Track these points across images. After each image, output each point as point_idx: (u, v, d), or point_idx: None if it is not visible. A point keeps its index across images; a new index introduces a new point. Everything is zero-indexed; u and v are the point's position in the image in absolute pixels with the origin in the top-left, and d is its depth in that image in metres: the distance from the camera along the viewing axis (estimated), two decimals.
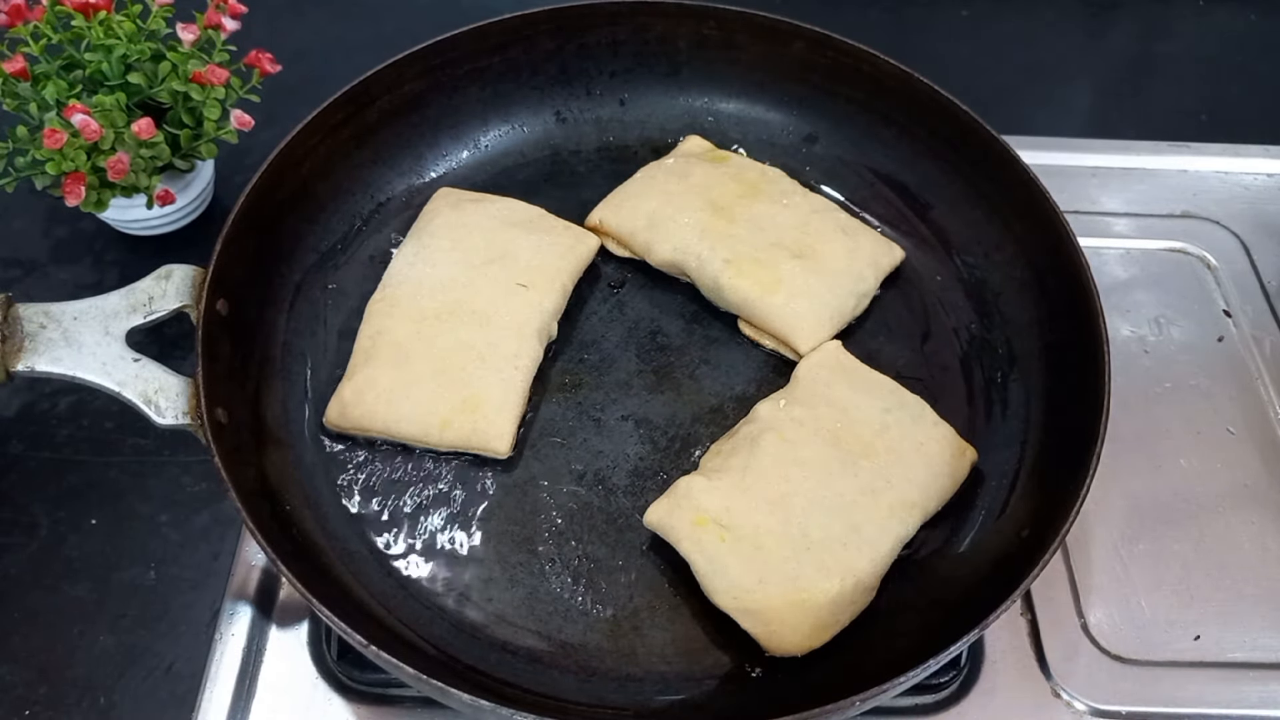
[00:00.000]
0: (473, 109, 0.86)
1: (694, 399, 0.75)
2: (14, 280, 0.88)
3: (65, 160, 0.73)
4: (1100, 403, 0.65)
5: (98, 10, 0.77)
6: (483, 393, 0.70)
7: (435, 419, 0.69)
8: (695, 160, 0.83)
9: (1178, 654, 0.71)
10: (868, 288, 0.78)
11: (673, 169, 0.82)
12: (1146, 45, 1.13)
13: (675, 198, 0.80)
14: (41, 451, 0.78)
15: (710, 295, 0.78)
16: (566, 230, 0.79)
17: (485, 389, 0.70)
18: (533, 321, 0.73)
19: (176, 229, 0.90)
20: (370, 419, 0.69)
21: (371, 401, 0.69)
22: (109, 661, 0.69)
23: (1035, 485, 0.69)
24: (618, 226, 0.80)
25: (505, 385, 0.71)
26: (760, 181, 0.82)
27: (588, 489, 0.71)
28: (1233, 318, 0.89)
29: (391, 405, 0.69)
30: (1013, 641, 0.71)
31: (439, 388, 0.70)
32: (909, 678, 0.56)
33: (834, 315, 0.76)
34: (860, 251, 0.78)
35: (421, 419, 0.69)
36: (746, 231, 0.78)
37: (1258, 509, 0.78)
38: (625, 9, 0.85)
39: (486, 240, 0.76)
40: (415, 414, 0.69)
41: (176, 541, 0.74)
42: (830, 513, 0.65)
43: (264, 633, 0.70)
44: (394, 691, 0.68)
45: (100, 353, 0.64)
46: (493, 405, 0.70)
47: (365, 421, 0.70)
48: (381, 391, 0.70)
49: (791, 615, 0.62)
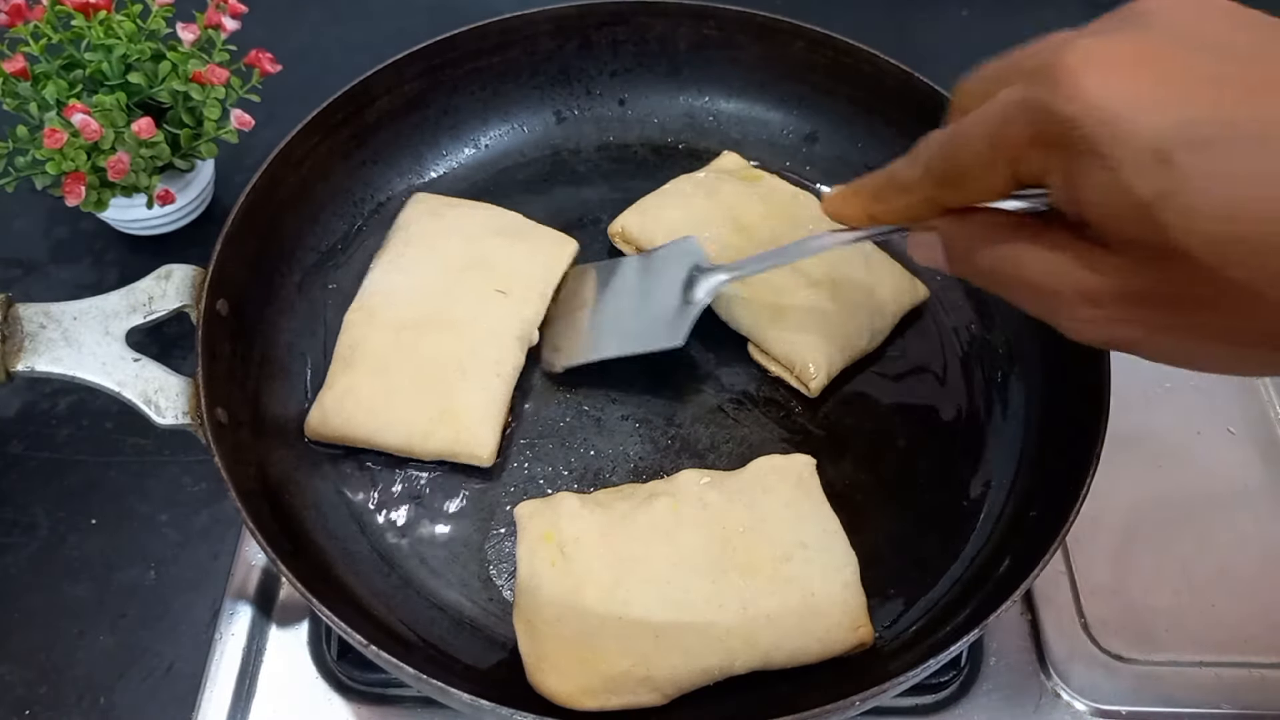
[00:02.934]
0: (473, 109, 0.86)
1: (694, 399, 0.75)
2: (14, 280, 0.88)
3: (65, 160, 0.73)
4: (1100, 403, 0.65)
5: (98, 10, 0.77)
6: (464, 402, 0.69)
7: (417, 429, 0.69)
8: (726, 177, 0.82)
9: (1178, 654, 0.71)
10: (884, 324, 0.76)
11: (702, 183, 0.81)
12: None
13: (699, 212, 0.79)
14: (41, 451, 0.78)
15: (722, 314, 0.76)
16: (545, 235, 0.79)
17: (466, 398, 0.69)
18: (513, 328, 0.73)
19: (176, 229, 0.90)
20: (351, 428, 0.69)
21: (351, 410, 0.69)
22: (109, 661, 0.69)
23: (1035, 485, 0.69)
24: (639, 235, 0.79)
25: (487, 394, 0.70)
26: (790, 204, 0.80)
27: (588, 489, 0.70)
28: None
29: (372, 414, 0.69)
30: (1013, 641, 0.71)
31: (419, 397, 0.69)
32: (909, 678, 0.56)
33: (844, 348, 0.74)
34: (881, 286, 0.76)
35: (403, 429, 0.69)
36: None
37: (1258, 509, 0.78)
38: (625, 9, 0.85)
39: (463, 247, 0.76)
40: (396, 423, 0.69)
41: (176, 541, 0.74)
42: (662, 601, 0.60)
43: (264, 633, 0.70)
44: (394, 691, 0.68)
45: (100, 353, 0.64)
46: (474, 415, 0.69)
47: (346, 430, 0.69)
48: (362, 400, 0.69)
49: (568, 666, 0.59)
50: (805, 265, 0.76)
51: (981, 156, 0.44)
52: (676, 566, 0.61)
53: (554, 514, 0.64)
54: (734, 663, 0.60)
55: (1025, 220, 0.47)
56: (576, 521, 0.63)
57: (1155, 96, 0.38)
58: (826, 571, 0.62)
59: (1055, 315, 0.45)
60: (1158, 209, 0.38)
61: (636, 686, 0.59)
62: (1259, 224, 0.36)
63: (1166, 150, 0.37)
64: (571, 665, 0.59)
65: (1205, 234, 0.37)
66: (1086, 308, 0.43)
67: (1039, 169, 0.42)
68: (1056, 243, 0.44)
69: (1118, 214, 0.39)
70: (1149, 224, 0.38)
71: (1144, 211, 0.38)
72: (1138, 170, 0.38)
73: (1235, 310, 0.39)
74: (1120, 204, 0.39)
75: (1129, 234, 0.40)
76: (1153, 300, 0.41)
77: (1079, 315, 0.44)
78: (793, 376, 0.74)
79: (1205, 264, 0.38)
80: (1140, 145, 0.38)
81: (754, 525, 0.63)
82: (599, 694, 0.58)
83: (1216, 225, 0.37)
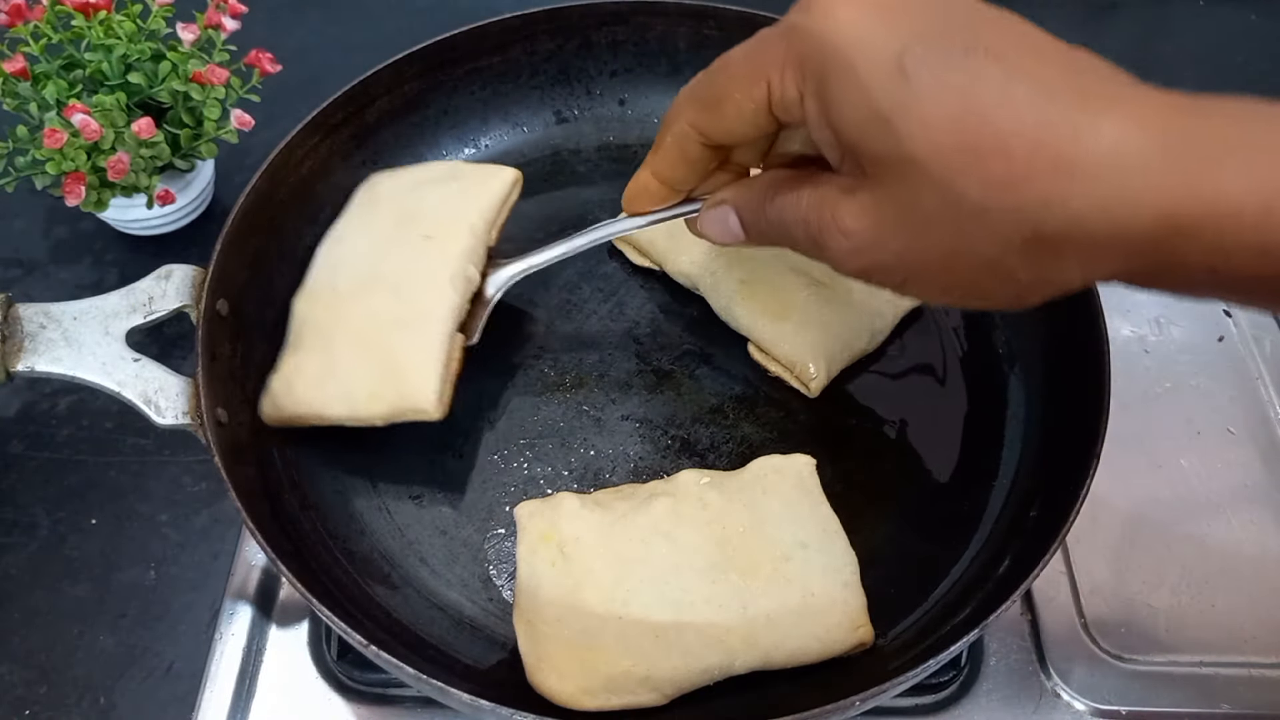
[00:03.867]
0: (473, 109, 0.86)
1: (694, 399, 0.75)
2: (14, 280, 0.88)
3: (65, 160, 0.73)
4: (1100, 403, 0.65)
5: (98, 10, 0.77)
6: (403, 355, 0.66)
7: (362, 393, 0.66)
8: None
9: (1178, 654, 0.71)
10: (884, 325, 0.76)
11: None
12: (1146, 45, 1.13)
13: None
14: (41, 451, 0.78)
15: (722, 315, 0.77)
16: (477, 171, 0.76)
17: (405, 351, 0.67)
18: (442, 270, 0.69)
19: (176, 229, 0.90)
20: (299, 406, 0.67)
21: (300, 390, 0.67)
22: (109, 661, 0.69)
23: (1035, 485, 0.69)
24: (638, 235, 0.79)
25: (425, 341, 0.67)
26: None
27: (588, 489, 0.70)
28: (1233, 318, 0.89)
29: (320, 389, 0.67)
30: (1013, 641, 0.71)
31: (361, 361, 0.67)
32: (909, 678, 0.56)
33: (845, 349, 0.74)
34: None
35: (349, 396, 0.66)
36: (766, 254, 0.76)
37: (1258, 509, 0.78)
38: (625, 9, 0.85)
39: (393, 205, 0.74)
40: (342, 393, 0.66)
41: (176, 541, 0.74)
42: (662, 601, 0.60)
43: (264, 633, 0.70)
44: (394, 691, 0.68)
45: (100, 353, 0.64)
46: (414, 366, 0.66)
47: (296, 410, 0.67)
48: (308, 377, 0.67)
49: (568, 666, 0.58)
50: (806, 265, 0.76)
51: (739, 77, 0.49)
52: (676, 566, 0.61)
53: (554, 514, 0.64)
54: (734, 663, 0.60)
55: (801, 172, 0.52)
56: (576, 521, 0.63)
57: (894, 21, 0.43)
58: (826, 572, 0.62)
59: (822, 251, 0.50)
60: (898, 119, 0.42)
61: (636, 686, 0.59)
62: (979, 133, 0.41)
63: (903, 64, 0.42)
64: (571, 665, 0.59)
65: (936, 144, 0.42)
66: (842, 238, 0.48)
67: (794, 92, 0.47)
68: (821, 181, 0.49)
69: (864, 128, 0.44)
70: (890, 136, 0.43)
71: (885, 124, 0.42)
72: (880, 83, 0.42)
73: (963, 227, 0.43)
74: (865, 118, 0.43)
75: (873, 148, 0.44)
76: (896, 224, 0.45)
77: (838, 246, 0.48)
78: (793, 376, 0.74)
79: (938, 175, 0.42)
80: (882, 59, 0.42)
81: (754, 525, 0.63)
82: (599, 694, 0.58)
83: (945, 135, 0.41)
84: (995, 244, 0.43)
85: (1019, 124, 0.40)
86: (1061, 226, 0.41)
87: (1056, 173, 0.40)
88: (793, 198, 0.51)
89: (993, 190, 0.41)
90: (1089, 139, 0.40)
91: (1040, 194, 0.41)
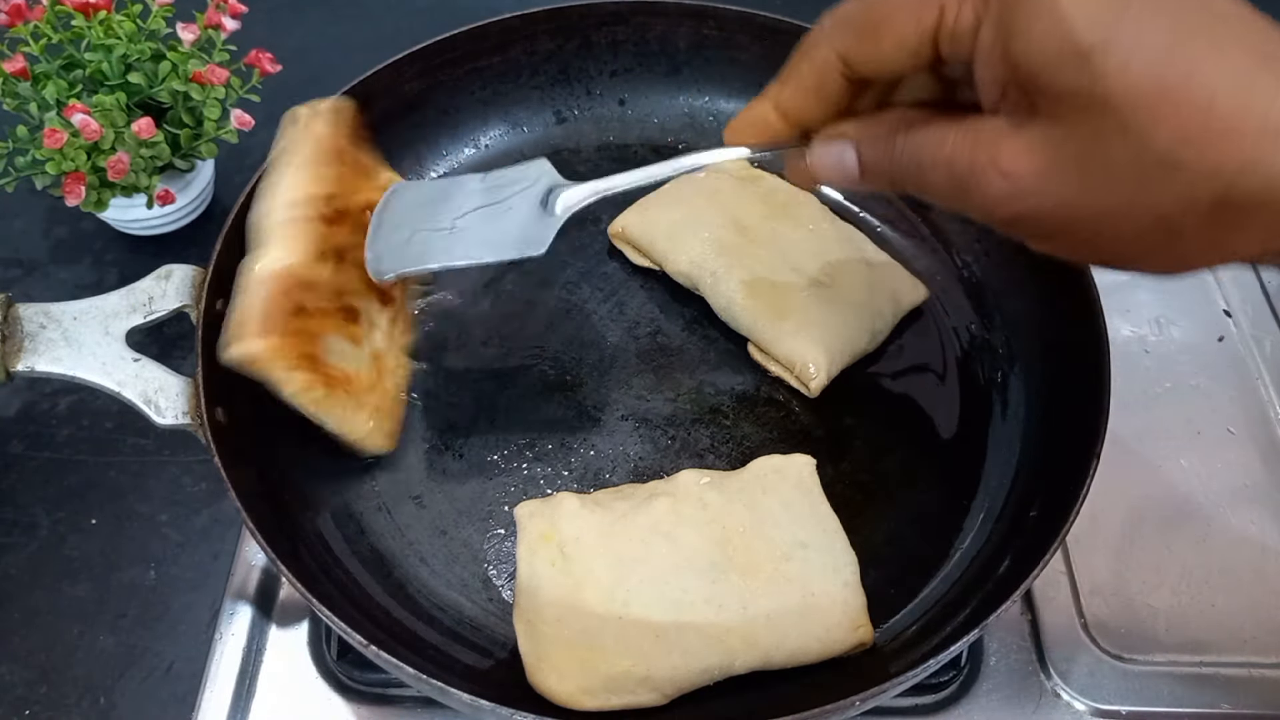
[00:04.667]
0: (473, 109, 0.86)
1: (694, 399, 0.75)
2: (14, 280, 0.88)
3: (65, 160, 0.73)
4: (1100, 403, 0.65)
5: (98, 10, 0.77)
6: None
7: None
8: (726, 176, 0.82)
9: (1178, 654, 0.71)
10: (884, 324, 0.76)
11: (703, 184, 0.81)
12: None
13: (699, 212, 0.79)
14: (41, 451, 0.78)
15: (722, 315, 0.77)
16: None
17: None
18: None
19: (176, 229, 0.90)
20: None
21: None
22: (109, 661, 0.69)
23: (1035, 485, 0.69)
24: (638, 235, 0.79)
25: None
26: (789, 204, 0.80)
27: (588, 489, 0.70)
28: (1233, 318, 0.89)
29: None
30: (1013, 641, 0.71)
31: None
32: (909, 678, 0.56)
33: (845, 348, 0.74)
34: (881, 286, 0.76)
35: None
36: (766, 253, 0.77)
37: (1258, 509, 0.78)
38: (625, 9, 0.85)
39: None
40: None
41: (176, 541, 0.74)
42: (662, 601, 0.60)
43: (264, 633, 0.70)
44: (394, 691, 0.68)
45: (100, 353, 0.64)
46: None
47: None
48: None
49: (568, 666, 0.59)
50: (805, 265, 0.76)
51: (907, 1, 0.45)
52: (676, 566, 0.61)
53: (554, 514, 0.64)
54: (734, 663, 0.60)
55: (934, 110, 0.48)
56: (576, 521, 0.63)
57: None
58: (826, 571, 0.62)
59: (968, 195, 0.45)
60: (1098, 55, 0.39)
61: (636, 686, 0.59)
62: (1184, 84, 0.38)
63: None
64: (571, 665, 0.59)
65: (1136, 87, 0.39)
66: (1000, 180, 0.43)
67: (969, 19, 0.43)
68: (970, 119, 0.45)
69: (1055, 62, 0.40)
70: (1085, 73, 0.39)
71: (1083, 59, 0.39)
72: (1085, 15, 0.39)
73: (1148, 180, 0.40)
74: (1059, 49, 0.40)
75: (1061, 84, 0.40)
76: (1071, 168, 0.42)
77: (994, 189, 0.44)
78: (793, 376, 0.74)
79: (1131, 120, 0.39)
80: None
81: (754, 525, 0.63)
82: (599, 694, 0.58)
83: (1147, 80, 0.38)
84: (1179, 202, 0.40)
85: (1226, 81, 0.38)
86: (1257, 192, 0.39)
87: (1263, 135, 0.38)
88: (934, 135, 0.46)
89: (1190, 145, 0.38)
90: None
91: (1240, 156, 0.38)
